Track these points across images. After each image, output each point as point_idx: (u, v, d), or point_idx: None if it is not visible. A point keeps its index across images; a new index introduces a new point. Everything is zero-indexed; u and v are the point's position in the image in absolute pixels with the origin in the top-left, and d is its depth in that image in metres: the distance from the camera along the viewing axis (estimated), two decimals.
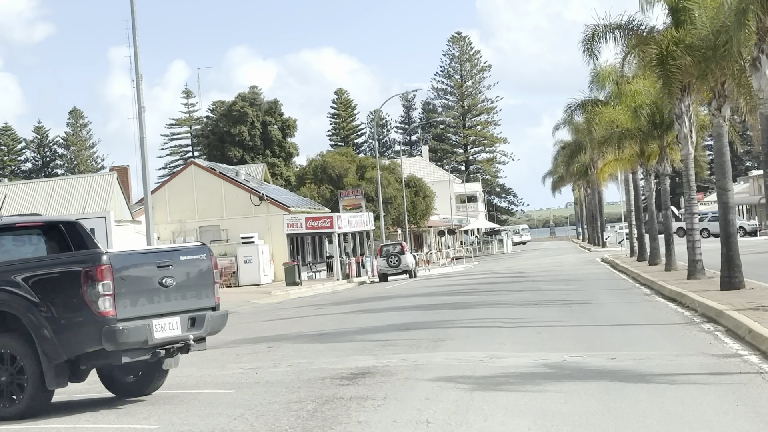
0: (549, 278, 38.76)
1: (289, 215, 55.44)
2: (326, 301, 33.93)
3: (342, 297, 35.74)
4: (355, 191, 66.09)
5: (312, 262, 61.72)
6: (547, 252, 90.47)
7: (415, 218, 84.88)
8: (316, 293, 45.32)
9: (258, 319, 26.29)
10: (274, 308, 32.55)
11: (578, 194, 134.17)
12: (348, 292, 43.41)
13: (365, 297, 33.50)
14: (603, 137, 38.98)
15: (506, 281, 38.10)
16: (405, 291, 36.01)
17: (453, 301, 27.11)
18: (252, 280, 52.33)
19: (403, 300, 29.14)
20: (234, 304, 36.27)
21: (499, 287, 33.67)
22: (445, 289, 34.06)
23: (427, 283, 42.91)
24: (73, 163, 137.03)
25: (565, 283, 34.23)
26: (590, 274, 40.38)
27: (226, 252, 53.57)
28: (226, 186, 56.53)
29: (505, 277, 43.24)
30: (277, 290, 45.43)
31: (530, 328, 18.27)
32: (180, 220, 56.26)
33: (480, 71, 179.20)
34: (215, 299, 12.57)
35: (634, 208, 50.30)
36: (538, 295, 28.20)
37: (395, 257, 55.80)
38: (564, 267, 50.34)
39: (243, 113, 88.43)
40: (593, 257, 63.99)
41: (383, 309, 25.45)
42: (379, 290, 39.32)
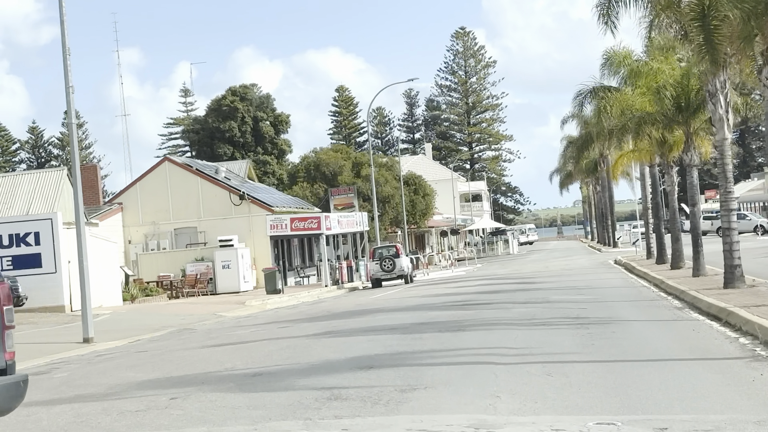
0: (558, 285, 33.91)
1: (273, 216, 50.63)
2: (300, 315, 29.08)
3: (319, 309, 30.87)
4: (347, 189, 61.25)
5: (300, 266, 56.91)
6: (554, 253, 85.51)
7: (415, 218, 79.97)
8: (297, 303, 40.50)
9: (204, 342, 21.46)
10: (237, 324, 27.73)
11: (586, 192, 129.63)
12: (332, 301, 38.57)
13: (343, 310, 28.63)
14: (620, 124, 33.99)
15: (509, 289, 33.24)
16: (392, 302, 31.15)
17: (442, 318, 22.25)
18: (230, 287, 47.57)
19: (384, 316, 24.29)
20: (196, 317, 31.51)
21: (501, 297, 28.80)
22: (437, 301, 29.18)
23: (421, 291, 38.06)
24: (69, 164, 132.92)
25: (577, 292, 29.38)
26: (605, 281, 35.52)
27: (203, 257, 48.79)
28: (203, 184, 51.73)
29: (509, 283, 38.40)
30: (255, 299, 40.61)
31: (537, 365, 13.42)
32: (153, 222, 51.49)
33: (485, 67, 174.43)
34: (5, 356, 7.57)
35: (652, 205, 45.36)
36: (546, 309, 23.34)
37: (389, 261, 51.01)
38: (574, 271, 45.48)
39: (233, 108, 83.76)
40: (605, 259, 59.09)
41: (354, 330, 20.60)
42: (364, 300, 34.47)
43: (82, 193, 52.57)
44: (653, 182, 43.86)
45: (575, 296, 27.87)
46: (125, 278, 43.49)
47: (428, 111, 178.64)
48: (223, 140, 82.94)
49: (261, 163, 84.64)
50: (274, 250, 52.83)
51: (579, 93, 43.62)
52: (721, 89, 25.15)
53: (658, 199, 43.93)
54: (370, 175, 73.50)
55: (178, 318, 31.77)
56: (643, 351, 14.55)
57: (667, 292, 27.91)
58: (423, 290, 38.89)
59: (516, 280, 40.12)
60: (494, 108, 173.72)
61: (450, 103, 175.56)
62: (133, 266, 49.77)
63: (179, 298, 45.62)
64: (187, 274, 47.16)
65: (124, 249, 51.12)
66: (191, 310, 35.12)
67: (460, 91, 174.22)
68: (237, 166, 59.60)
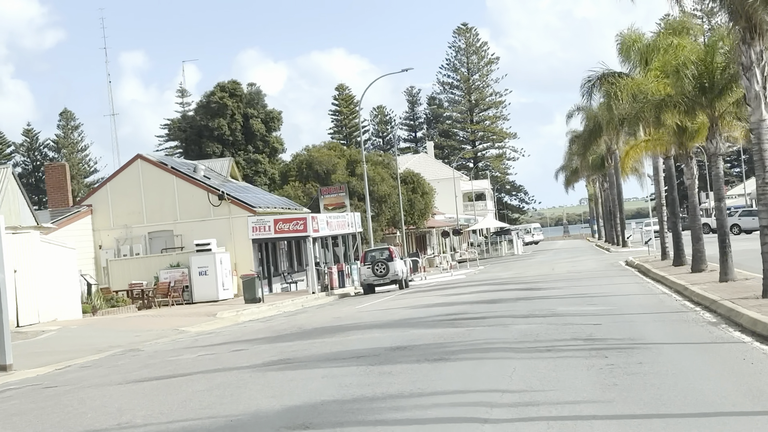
0: (566, 292, 29.89)
1: (255, 217, 46.62)
2: (266, 332, 25.08)
3: (291, 325, 26.82)
4: (338, 188, 57.20)
5: (288, 271, 52.92)
6: (561, 254, 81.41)
7: (413, 218, 75.94)
8: (275, 313, 36.51)
9: (132, 374, 17.48)
10: (191, 344, 23.76)
11: (592, 190, 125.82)
12: (312, 312, 34.58)
13: (316, 327, 24.59)
14: (633, 111, 29.89)
15: (510, 298, 29.22)
16: (375, 315, 27.12)
17: (425, 339, 18.24)
18: (208, 295, 43.62)
19: (358, 336, 20.29)
20: (154, 334, 27.57)
21: (500, 309, 24.78)
22: (426, 314, 25.15)
23: (412, 300, 34.05)
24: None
25: (587, 302, 25.38)
26: (618, 286, 31.49)
27: (179, 262, 44.81)
28: (179, 184, 47.71)
29: (511, 289, 34.39)
30: (230, 310, 36.63)
31: (540, 423, 9.43)
32: (125, 226, 47.51)
33: (487, 64, 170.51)
34: None
35: (668, 201, 41.28)
36: (552, 326, 19.32)
37: (382, 265, 47.03)
38: (583, 274, 41.47)
39: (222, 105, 79.75)
40: (615, 260, 55.03)
41: (314, 359, 16.58)
42: (346, 312, 30.44)
43: (49, 194, 48.92)
44: (669, 175, 39.81)
45: (586, 307, 23.86)
46: (87, 288, 39.52)
47: (430, 109, 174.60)
48: (212, 138, 78.97)
49: (252, 162, 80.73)
50: (258, 255, 48.84)
51: (587, 80, 39.71)
52: (757, 61, 21.12)
53: (674, 194, 39.86)
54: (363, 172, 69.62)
55: (132, 335, 27.82)
56: (687, 397, 10.54)
57: (693, 301, 23.89)
58: (415, 298, 34.87)
59: (518, 286, 36.13)
60: (497, 105, 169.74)
61: (452, 101, 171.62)
62: (104, 273, 45.83)
63: (151, 308, 41.69)
64: (160, 281, 43.20)
65: (94, 255, 47.17)
66: (153, 325, 31.15)
67: (462, 88, 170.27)
68: (219, 164, 55.57)
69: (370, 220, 56.26)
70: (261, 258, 49.25)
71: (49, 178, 48.65)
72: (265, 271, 49.61)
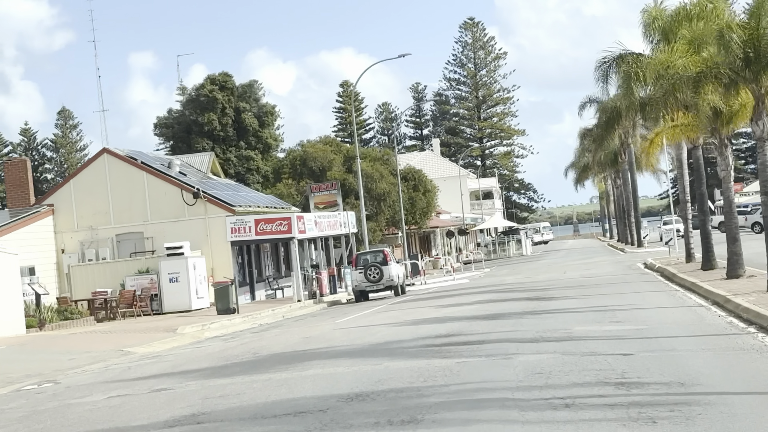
0: (582, 305, 25.22)
1: (234, 217, 41.99)
2: (215, 358, 20.43)
3: (250, 348, 22.09)
4: (329, 185, 52.51)
5: (273, 276, 48.27)
6: (572, 254, 76.64)
7: (414, 217, 71.22)
8: (247, 327, 31.91)
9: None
10: (118, 375, 19.15)
11: (603, 187, 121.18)
12: (287, 327, 29.95)
13: (271, 353, 19.84)
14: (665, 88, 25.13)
15: (516, 311, 24.54)
16: (351, 336, 22.40)
17: (397, 382, 13.58)
18: (180, 304, 39.01)
19: (313, 371, 15.61)
20: (90, 357, 23.03)
21: (502, 329, 20.11)
22: (410, 336, 20.41)
23: (401, 313, 29.37)
24: (63, 167, 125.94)
25: (610, 318, 20.74)
26: (644, 296, 26.81)
27: (149, 268, 40.22)
28: (151, 181, 43.06)
29: (517, 298, 29.74)
30: (196, 323, 32.00)
31: None
32: (90, 227, 42.92)
33: (495, 59, 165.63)
34: None
35: (696, 195, 36.51)
36: (568, 358, 14.65)
37: (375, 269, 42.43)
38: (599, 280, 36.81)
39: (212, 98, 74.97)
40: (632, 261, 50.32)
41: (234, 416, 11.92)
42: (319, 331, 25.69)
43: (8, 192, 44.34)
44: (697, 167, 35.08)
45: (609, 326, 19.21)
46: (36, 298, 34.90)
47: (437, 106, 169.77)
48: (201, 134, 74.18)
49: (244, 159, 76.03)
50: (238, 259, 44.24)
51: (602, 61, 35.03)
52: None
53: (703, 189, 35.13)
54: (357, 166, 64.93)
55: (65, 358, 23.23)
56: None
57: (741, 317, 19.20)
58: (406, 311, 30.18)
59: (526, 294, 31.46)
60: (505, 102, 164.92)
61: (459, 97, 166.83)
62: (66, 280, 41.25)
63: (115, 320, 37.11)
64: (125, 289, 38.63)
65: (56, 260, 42.59)
66: (97, 344, 26.57)
67: (469, 84, 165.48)
68: (198, 160, 50.88)
69: (364, 220, 51.59)
70: (242, 262, 44.66)
71: (8, 175, 44.11)
72: (247, 277, 45.05)
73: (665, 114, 30.59)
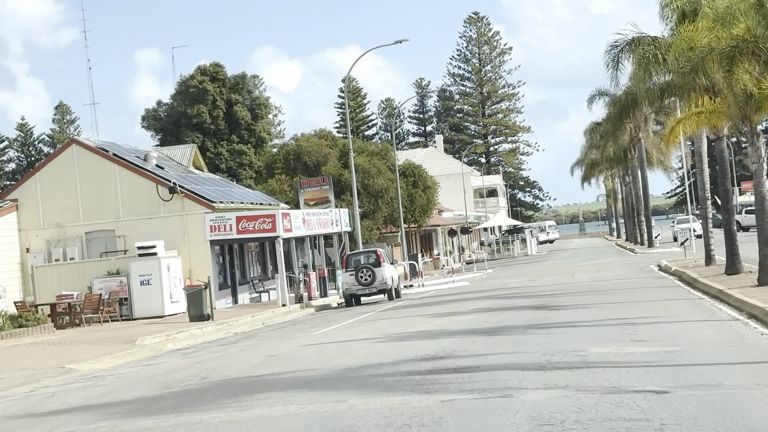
0: (595, 316, 21.83)
1: (213, 214, 38.61)
2: (153, 384, 16.98)
3: (201, 369, 18.59)
4: (320, 180, 49.04)
5: (260, 278, 44.86)
6: (579, 254, 73.18)
7: (414, 215, 67.75)
8: (219, 337, 28.54)
9: None
10: (25, 409, 15.77)
11: (611, 185, 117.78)
12: (258, 340, 26.58)
13: (221, 378, 16.33)
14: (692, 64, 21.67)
15: (519, 325, 21.13)
16: (319, 356, 18.86)
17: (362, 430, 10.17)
18: (151, 309, 35.67)
19: (258, 411, 12.20)
20: (23, 375, 19.76)
21: (501, 351, 16.72)
22: (390, 358, 16.91)
23: (388, 325, 25.96)
24: None
25: (631, 334, 17.40)
26: (665, 307, 23.41)
27: (119, 269, 36.86)
28: (123, 174, 39.63)
29: (521, 307, 26.34)
30: (161, 333, 28.61)
31: None
32: (58, 224, 39.53)
33: (500, 54, 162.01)
34: None
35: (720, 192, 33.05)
36: (587, 401, 11.21)
37: (367, 271, 39.07)
38: (612, 284, 33.42)
39: (202, 90, 71.56)
40: (644, 263, 46.90)
41: None
42: (288, 346, 22.09)
43: None
44: (721, 160, 31.61)
45: (631, 347, 15.81)
46: None
47: (440, 102, 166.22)
48: (191, 127, 70.71)
49: (236, 153, 72.65)
50: (219, 259, 40.87)
51: (613, 45, 31.73)
52: None
53: (727, 184, 31.67)
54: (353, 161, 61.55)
55: None
56: None
57: None
58: (394, 321, 26.77)
59: (531, 302, 28.05)
60: (510, 98, 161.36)
61: (463, 93, 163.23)
62: (30, 282, 37.90)
63: (79, 326, 33.78)
64: (91, 293, 35.25)
65: (20, 260, 39.23)
66: (37, 360, 23.21)
67: (473, 80, 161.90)
68: (179, 152, 47.41)
69: (357, 217, 48.17)
70: (223, 263, 41.29)
71: None
72: (229, 279, 41.66)
73: (689, 99, 27.22)
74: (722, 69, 21.10)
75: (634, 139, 69.95)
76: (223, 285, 40.53)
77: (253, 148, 73.32)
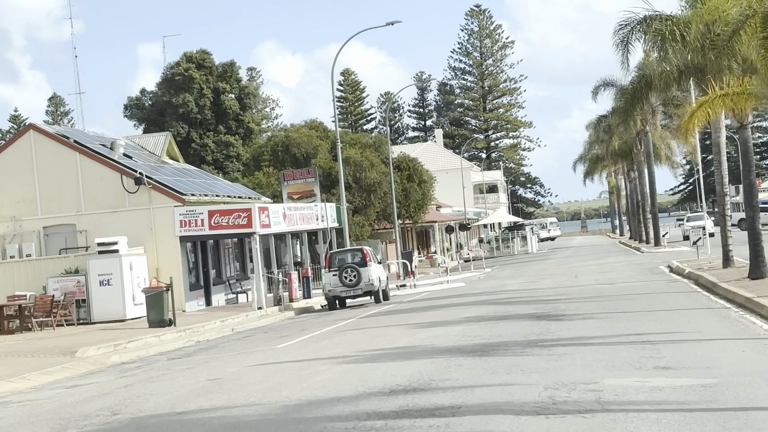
0: (606, 330, 18.44)
1: (183, 207, 35.21)
2: (54, 420, 13.61)
3: (116, 402, 15.19)
4: (305, 173, 45.56)
5: (237, 277, 41.47)
6: (582, 253, 69.75)
7: (408, 210, 64.33)
8: (178, 347, 25.12)
9: None
10: None
11: (613, 181, 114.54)
12: (222, 350, 23.18)
13: (132, 416, 12.97)
14: (730, 31, 18.21)
15: (516, 342, 17.71)
16: (270, 382, 15.40)
17: None
18: (112, 312, 32.34)
19: None
20: None
21: (491, 382, 13.31)
22: (350, 391, 13.41)
23: (361, 338, 22.53)
24: None
25: (654, 357, 14.05)
26: (687, 318, 20.03)
27: (78, 267, 33.48)
28: (85, 164, 36.18)
29: (519, 316, 22.94)
30: (110, 342, 25.19)
31: None
32: (13, 218, 36.11)
33: (502, 48, 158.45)
34: None
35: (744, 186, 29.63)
36: None
37: (352, 271, 35.71)
38: (620, 288, 30.04)
39: (188, 78, 68.16)
40: (653, 264, 43.54)
41: None
42: (237, 366, 18.58)
43: None
44: (745, 151, 28.18)
45: (658, 379, 12.41)
46: None
47: (441, 96, 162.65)
48: (176, 117, 67.27)
49: (223, 145, 69.22)
50: (191, 257, 37.48)
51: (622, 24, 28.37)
52: None
53: (752, 178, 28.26)
54: (347, 153, 58.21)
55: None
56: None
57: None
58: (372, 332, 23.34)
59: (531, 309, 24.65)
60: (512, 92, 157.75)
61: (464, 87, 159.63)
62: None
63: (31, 330, 30.42)
64: (45, 294, 31.85)
65: None
66: None
67: (475, 74, 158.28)
68: (152, 141, 43.92)
69: (345, 212, 44.74)
70: (195, 261, 37.88)
71: None
72: (202, 279, 38.25)
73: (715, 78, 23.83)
74: (758, 37, 17.66)
75: (641, 133, 66.47)
76: (195, 285, 37.16)
77: (241, 139, 69.91)
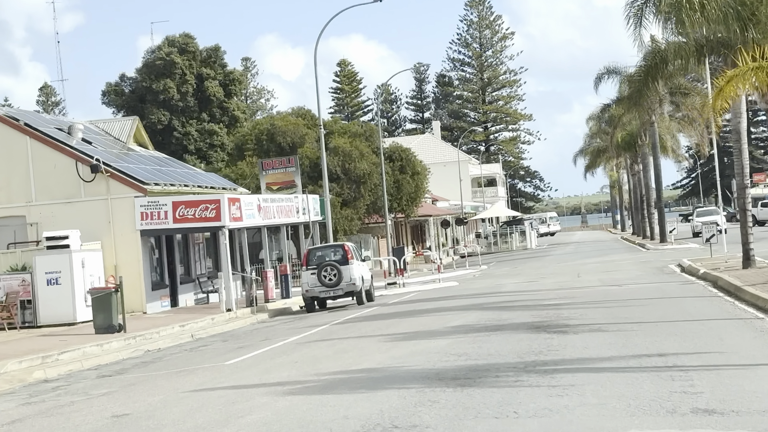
0: (619, 348, 15.02)
1: (145, 198, 31.74)
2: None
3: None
4: (285, 162, 42.02)
5: (208, 275, 38.02)
6: (583, 249, 66.33)
7: (401, 204, 60.85)
8: (122, 358, 21.70)
9: None
10: None
11: (615, 175, 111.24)
12: (165, 367, 19.77)
13: None
14: None
15: (509, 362, 14.29)
16: (187, 424, 12.12)
17: None
18: (60, 315, 28.97)
19: None
20: None
21: (474, 428, 9.86)
22: (309, 419, 10.14)
23: (329, 353, 19.05)
24: None
25: (689, 395, 10.60)
26: (713, 331, 16.63)
27: (25, 264, 30.05)
28: (37, 149, 32.65)
29: (514, 325, 19.51)
30: (43, 351, 21.75)
31: None
32: None
33: (502, 39, 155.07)
34: None
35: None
36: None
37: (332, 269, 32.30)
38: (628, 290, 26.68)
39: (169, 62, 64.67)
40: (661, 262, 40.21)
41: None
42: (161, 397, 15.18)
43: None
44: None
45: (702, 430, 8.98)
46: None
47: (439, 87, 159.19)
48: (157, 104, 63.84)
49: (207, 133, 65.77)
50: (154, 253, 34.02)
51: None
52: None
53: None
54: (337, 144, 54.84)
55: None
56: None
57: None
58: (341, 345, 19.87)
59: (528, 317, 21.20)
60: (512, 84, 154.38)
61: (463, 79, 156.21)
62: None
63: None
64: None
65: None
66: None
67: (474, 65, 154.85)
68: (117, 126, 40.35)
69: (328, 204, 41.23)
70: (159, 257, 34.42)
71: None
72: (167, 277, 34.81)
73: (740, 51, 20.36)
74: None
75: (646, 123, 62.96)
76: (159, 284, 33.70)
77: (226, 127, 66.46)
